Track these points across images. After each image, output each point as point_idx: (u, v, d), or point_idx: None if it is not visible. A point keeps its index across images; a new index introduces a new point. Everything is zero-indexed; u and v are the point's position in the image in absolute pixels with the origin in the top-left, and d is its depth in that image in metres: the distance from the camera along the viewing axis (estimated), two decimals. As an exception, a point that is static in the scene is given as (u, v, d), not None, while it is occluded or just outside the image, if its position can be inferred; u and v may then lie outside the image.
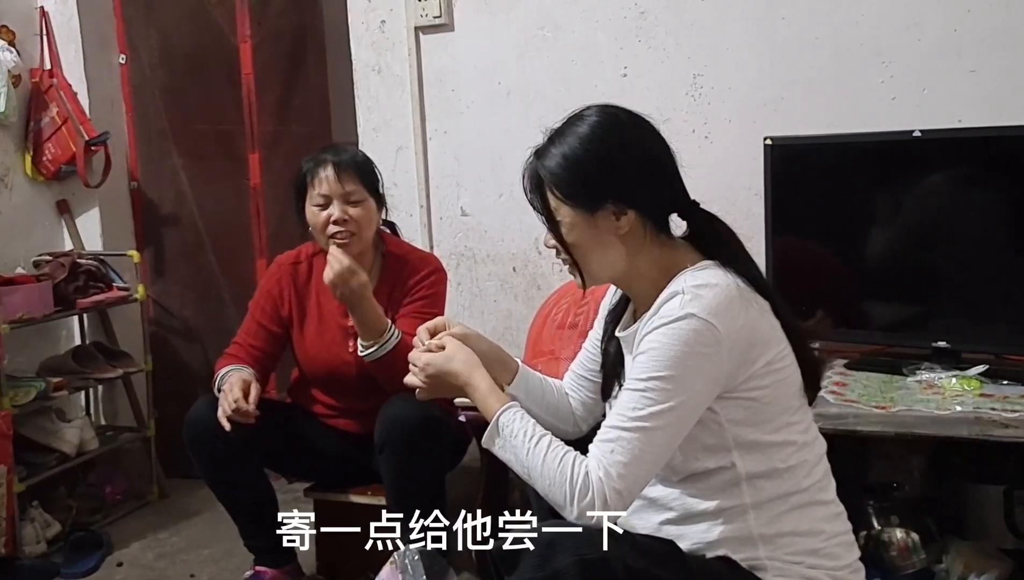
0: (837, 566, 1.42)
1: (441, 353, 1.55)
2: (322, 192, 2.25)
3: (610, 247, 1.44)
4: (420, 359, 1.56)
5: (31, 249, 3.20)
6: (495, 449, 1.44)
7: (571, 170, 1.41)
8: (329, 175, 2.24)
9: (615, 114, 1.45)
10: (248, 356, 2.34)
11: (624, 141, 1.42)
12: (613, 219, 1.42)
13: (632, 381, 1.35)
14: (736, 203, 2.49)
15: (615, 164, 1.41)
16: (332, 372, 2.35)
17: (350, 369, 2.30)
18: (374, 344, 2.16)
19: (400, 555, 2.05)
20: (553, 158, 1.43)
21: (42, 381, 2.88)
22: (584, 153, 1.41)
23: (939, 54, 2.35)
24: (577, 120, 1.44)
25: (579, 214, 1.42)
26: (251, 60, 3.29)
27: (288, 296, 2.39)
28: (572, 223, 1.43)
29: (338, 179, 2.24)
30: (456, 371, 1.52)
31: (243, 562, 2.51)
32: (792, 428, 1.42)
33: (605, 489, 1.30)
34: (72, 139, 3.15)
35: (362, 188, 2.27)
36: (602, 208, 1.41)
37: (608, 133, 1.42)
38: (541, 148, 1.46)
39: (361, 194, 2.27)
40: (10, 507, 2.69)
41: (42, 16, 3.24)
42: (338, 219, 2.24)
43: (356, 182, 2.26)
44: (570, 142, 1.42)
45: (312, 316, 2.38)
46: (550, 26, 2.73)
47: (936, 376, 2.02)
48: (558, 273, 2.80)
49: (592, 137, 1.41)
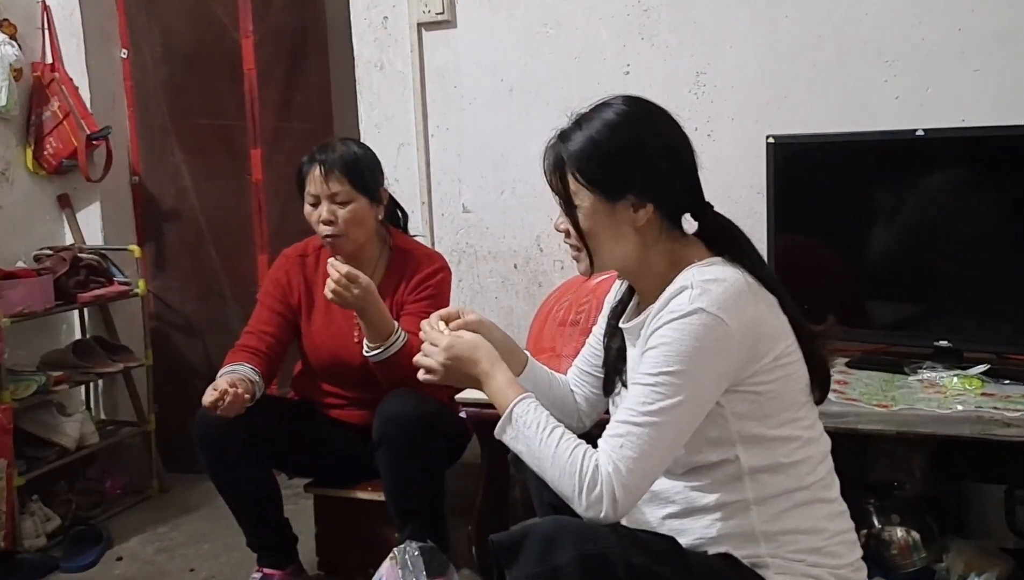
0: (839, 564, 1.42)
1: (467, 338, 1.52)
2: (311, 191, 2.27)
3: (624, 238, 1.44)
4: (443, 339, 1.52)
5: (32, 243, 3.19)
6: (506, 439, 1.43)
7: (596, 156, 1.41)
8: (316, 175, 2.26)
9: (644, 105, 1.45)
10: (260, 342, 2.33)
11: (650, 133, 1.43)
12: (631, 211, 1.42)
13: (642, 375, 1.35)
14: (738, 201, 2.49)
15: (640, 155, 1.41)
16: (338, 362, 2.36)
17: (355, 359, 2.30)
18: (380, 346, 2.16)
19: (400, 551, 2.06)
20: (578, 142, 1.42)
21: (42, 375, 2.88)
22: (610, 140, 1.41)
23: (943, 53, 2.34)
24: (605, 107, 1.44)
25: (599, 201, 1.42)
26: (253, 56, 3.28)
27: (296, 285, 2.40)
28: (591, 209, 1.43)
29: (324, 180, 2.25)
30: (479, 358, 1.49)
31: (243, 557, 2.52)
32: (797, 424, 1.42)
33: (614, 483, 1.30)
34: (73, 133, 3.15)
35: (350, 188, 2.26)
36: (623, 198, 1.41)
37: (636, 123, 1.42)
38: (566, 130, 1.45)
39: (348, 195, 2.26)
40: (10, 501, 2.69)
41: (44, 10, 3.24)
42: (326, 219, 2.26)
43: (343, 183, 2.25)
44: (597, 127, 1.42)
45: (319, 307, 2.39)
46: (552, 23, 2.73)
47: (938, 375, 2.02)
48: (559, 270, 2.79)
49: (620, 125, 1.41)
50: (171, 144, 3.44)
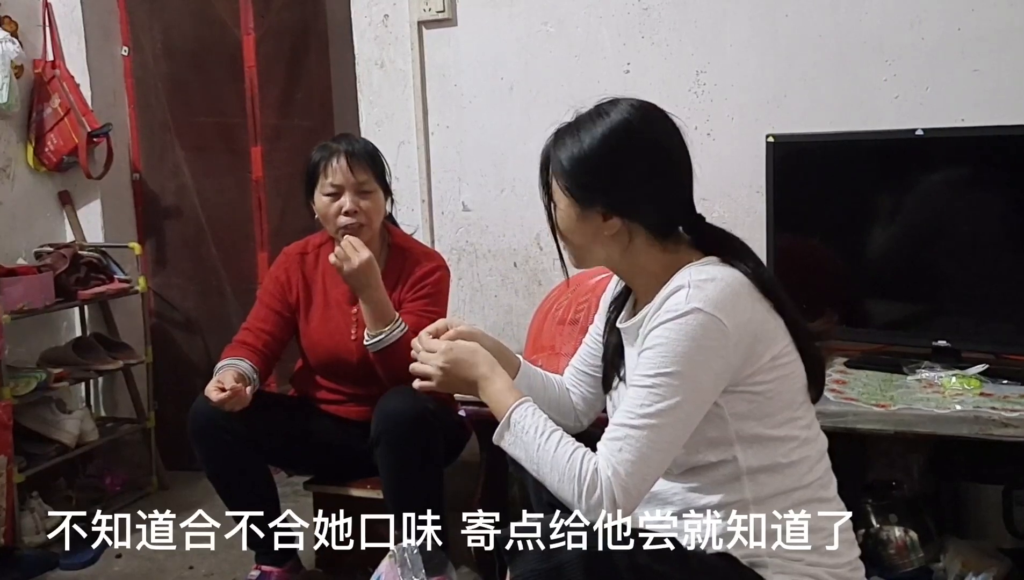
0: (837, 564, 1.42)
1: (465, 342, 1.55)
2: (334, 182, 2.26)
3: (595, 244, 1.46)
4: (440, 345, 1.54)
5: (33, 240, 3.20)
6: (505, 445, 1.44)
7: (575, 163, 1.43)
8: (342, 165, 2.26)
9: (645, 117, 1.44)
10: (257, 340, 2.34)
11: (638, 149, 1.42)
12: (601, 220, 1.43)
13: (639, 377, 1.35)
14: (738, 200, 2.49)
15: (619, 170, 1.41)
16: (336, 358, 2.36)
17: (353, 355, 2.31)
18: (380, 333, 2.17)
19: (399, 549, 2.06)
20: (564, 148, 1.44)
21: (43, 372, 2.88)
22: (589, 153, 1.41)
23: (942, 52, 2.34)
24: (603, 113, 1.43)
25: (572, 205, 1.44)
26: (254, 53, 3.28)
27: (295, 283, 2.40)
28: (565, 211, 1.46)
29: (350, 169, 2.25)
30: (477, 362, 1.51)
31: (241, 554, 2.52)
32: (795, 423, 1.42)
33: (614, 487, 1.30)
34: (74, 130, 3.15)
35: (373, 178, 2.29)
36: (592, 207, 1.43)
37: (621, 139, 1.41)
38: (561, 131, 1.47)
39: (372, 184, 2.29)
40: (10, 497, 2.69)
41: (45, 7, 3.24)
42: (349, 210, 2.25)
43: (367, 172, 2.28)
44: (583, 136, 1.42)
45: (318, 304, 2.40)
46: (553, 21, 2.73)
47: (936, 375, 2.02)
48: (559, 269, 2.78)
49: (608, 137, 1.41)
50: (172, 141, 3.44)
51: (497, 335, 1.70)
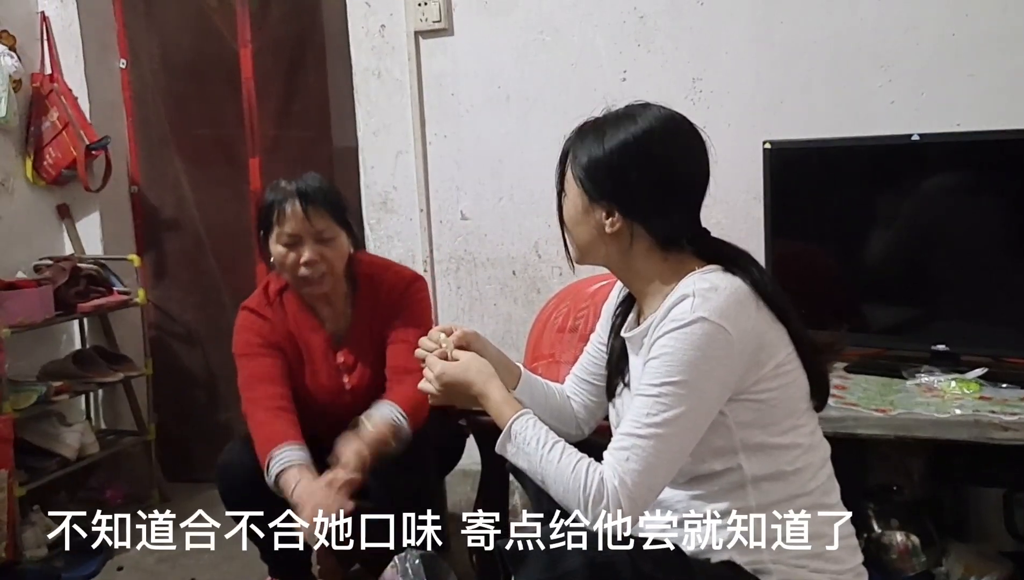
0: (841, 570, 1.42)
1: (457, 362, 1.57)
2: (290, 231, 2.07)
3: (596, 239, 1.48)
4: (435, 367, 1.57)
5: (32, 253, 3.20)
6: (508, 455, 1.46)
7: (590, 163, 1.45)
8: (297, 212, 2.06)
9: (665, 130, 1.44)
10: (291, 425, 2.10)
11: (648, 162, 1.42)
12: (604, 216, 1.45)
13: (645, 387, 1.36)
14: (735, 206, 2.50)
15: (626, 179, 1.42)
16: (332, 412, 2.21)
17: (349, 406, 2.19)
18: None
19: (401, 559, 2.05)
20: (585, 145, 1.46)
21: (43, 385, 2.89)
22: (607, 155, 1.43)
23: (937, 58, 2.35)
24: (627, 118, 1.44)
25: (581, 195, 1.46)
26: (251, 65, 3.29)
27: (276, 341, 2.21)
28: (572, 201, 1.48)
29: (307, 217, 2.06)
30: (471, 381, 1.54)
31: (243, 567, 2.52)
32: (799, 431, 1.42)
33: (620, 497, 1.31)
34: (73, 144, 3.16)
35: (333, 223, 2.10)
36: (599, 202, 1.44)
37: (640, 149, 1.42)
38: (586, 127, 1.48)
39: (333, 230, 2.11)
40: (11, 511, 2.69)
41: (43, 21, 3.25)
42: (309, 261, 2.08)
43: (326, 218, 2.09)
44: (606, 138, 1.43)
45: (298, 360, 2.23)
46: (549, 30, 2.74)
47: (935, 379, 2.02)
48: (558, 277, 2.80)
49: (623, 144, 1.42)
50: (170, 154, 3.44)
51: (496, 344, 1.70)
